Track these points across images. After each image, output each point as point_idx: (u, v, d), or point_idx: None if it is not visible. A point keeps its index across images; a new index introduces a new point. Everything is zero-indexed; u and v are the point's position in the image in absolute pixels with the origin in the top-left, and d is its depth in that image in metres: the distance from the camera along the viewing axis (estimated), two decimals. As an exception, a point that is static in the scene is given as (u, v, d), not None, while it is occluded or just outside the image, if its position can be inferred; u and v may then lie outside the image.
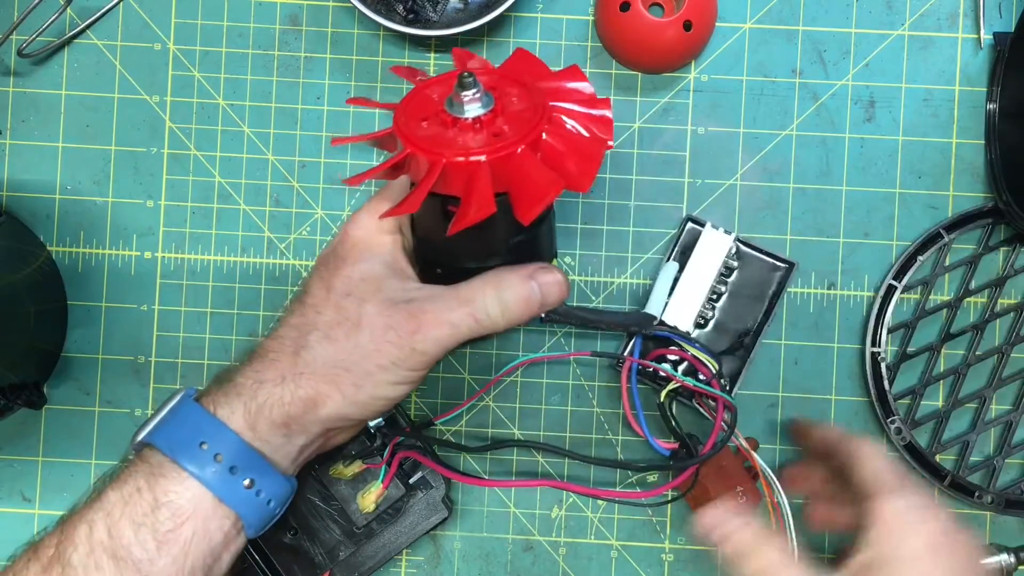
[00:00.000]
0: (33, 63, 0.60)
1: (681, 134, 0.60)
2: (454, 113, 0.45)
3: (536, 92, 0.46)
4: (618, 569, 0.60)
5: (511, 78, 0.48)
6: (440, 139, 0.44)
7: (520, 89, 0.47)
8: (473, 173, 0.43)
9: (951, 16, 0.60)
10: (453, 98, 0.44)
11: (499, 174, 0.43)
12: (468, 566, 0.60)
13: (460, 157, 0.43)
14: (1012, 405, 0.60)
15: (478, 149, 0.43)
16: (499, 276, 0.47)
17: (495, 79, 0.47)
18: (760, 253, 0.59)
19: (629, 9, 0.57)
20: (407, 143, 0.44)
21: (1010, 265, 0.60)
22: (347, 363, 0.46)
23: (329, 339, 0.46)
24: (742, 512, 0.50)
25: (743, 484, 0.53)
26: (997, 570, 0.57)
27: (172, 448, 0.45)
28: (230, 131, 0.61)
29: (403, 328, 0.45)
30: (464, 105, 0.44)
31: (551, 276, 0.47)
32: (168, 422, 0.46)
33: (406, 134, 0.44)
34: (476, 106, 0.44)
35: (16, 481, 0.60)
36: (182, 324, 0.60)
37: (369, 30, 0.61)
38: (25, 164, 0.61)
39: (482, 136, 0.44)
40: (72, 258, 0.61)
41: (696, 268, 0.57)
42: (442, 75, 0.49)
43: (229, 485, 0.44)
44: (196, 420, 0.46)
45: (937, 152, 0.60)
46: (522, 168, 0.43)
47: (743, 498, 0.52)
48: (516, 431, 0.60)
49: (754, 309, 0.59)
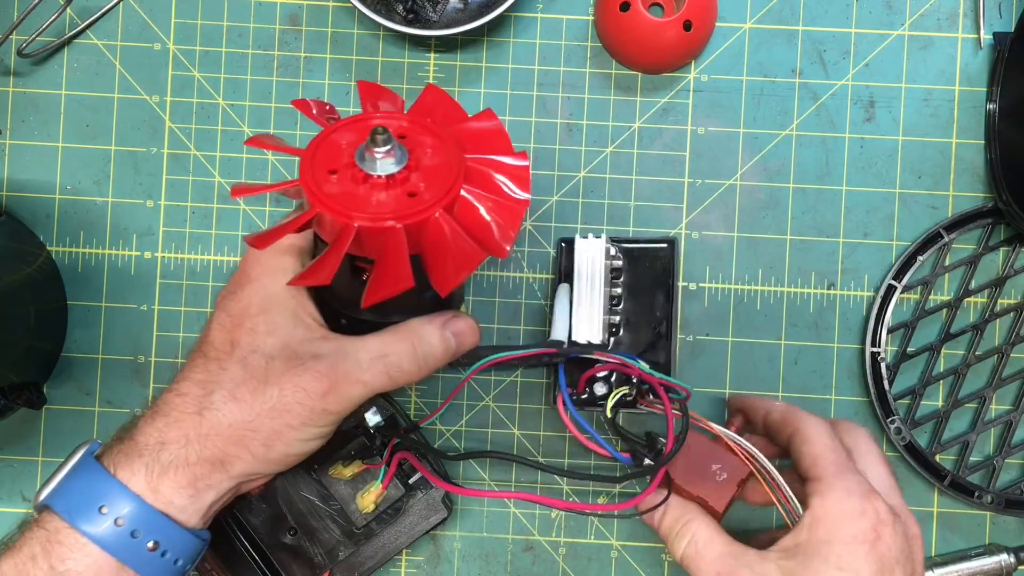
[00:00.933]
0: (33, 63, 0.60)
1: (681, 134, 0.60)
2: (366, 169, 0.42)
3: (450, 142, 0.44)
4: (618, 569, 0.60)
5: (423, 125, 0.46)
6: (351, 198, 0.42)
7: (434, 139, 0.45)
8: (387, 240, 0.41)
9: (951, 16, 0.60)
10: (365, 152, 0.42)
11: (414, 237, 0.42)
12: (468, 566, 0.60)
13: (373, 222, 0.41)
14: (1012, 405, 0.60)
15: (392, 213, 0.41)
16: (412, 329, 0.45)
17: (407, 126, 0.45)
18: (638, 243, 0.58)
19: (629, 9, 0.57)
20: (316, 202, 0.42)
21: (1010, 265, 0.60)
22: (254, 424, 0.44)
23: (235, 399, 0.44)
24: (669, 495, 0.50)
25: (719, 461, 0.50)
26: (997, 570, 0.57)
27: (70, 512, 0.43)
28: (230, 131, 0.61)
29: (313, 389, 0.44)
30: (377, 161, 0.42)
31: (463, 323, 0.47)
32: (67, 484, 0.44)
33: (314, 191, 0.42)
34: (389, 162, 0.42)
35: (16, 481, 0.60)
36: (182, 324, 0.60)
37: (369, 30, 0.61)
38: (25, 164, 0.61)
39: (395, 194, 0.42)
40: (72, 258, 0.61)
41: (583, 279, 0.55)
42: (350, 119, 0.46)
43: (131, 549, 0.43)
44: (95, 482, 0.44)
45: (937, 152, 0.60)
46: (440, 236, 0.42)
47: (722, 476, 0.50)
48: (516, 431, 0.60)
49: (657, 298, 0.58)
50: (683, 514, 0.49)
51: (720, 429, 0.51)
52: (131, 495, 0.43)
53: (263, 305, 0.46)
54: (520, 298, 0.60)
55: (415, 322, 0.46)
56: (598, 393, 0.54)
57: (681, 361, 0.60)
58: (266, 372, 0.44)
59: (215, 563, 0.53)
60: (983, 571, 0.57)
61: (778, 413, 0.52)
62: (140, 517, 0.43)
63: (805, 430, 0.49)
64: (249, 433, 0.44)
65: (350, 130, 0.45)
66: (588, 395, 0.54)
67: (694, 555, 0.47)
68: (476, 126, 0.47)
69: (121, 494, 0.43)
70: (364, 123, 0.45)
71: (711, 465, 0.50)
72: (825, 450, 0.48)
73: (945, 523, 0.60)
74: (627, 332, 0.57)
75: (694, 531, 0.48)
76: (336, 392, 0.44)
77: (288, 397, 0.44)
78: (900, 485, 0.60)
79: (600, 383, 0.54)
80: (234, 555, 0.54)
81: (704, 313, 0.60)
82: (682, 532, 0.48)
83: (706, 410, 0.59)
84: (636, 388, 0.52)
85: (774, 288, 0.60)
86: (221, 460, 0.44)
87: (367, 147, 0.42)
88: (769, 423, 0.52)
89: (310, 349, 0.45)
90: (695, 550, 0.48)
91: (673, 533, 0.49)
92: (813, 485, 0.47)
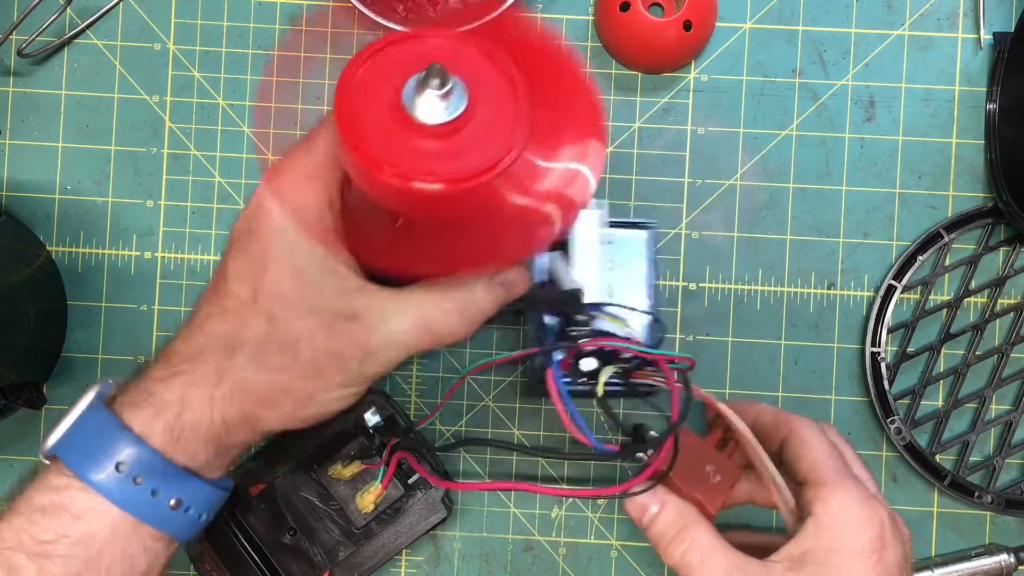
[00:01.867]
0: (33, 63, 0.60)
1: (681, 134, 0.60)
2: (413, 113, 0.36)
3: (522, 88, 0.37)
4: (618, 569, 0.60)
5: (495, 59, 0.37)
6: (393, 145, 0.35)
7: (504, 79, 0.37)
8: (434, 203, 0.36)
9: (951, 16, 0.60)
10: (416, 92, 0.35)
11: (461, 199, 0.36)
12: (468, 566, 0.60)
13: (419, 180, 0.35)
14: (1012, 405, 0.60)
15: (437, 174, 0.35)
16: (459, 285, 0.41)
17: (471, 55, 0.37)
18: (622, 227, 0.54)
19: (629, 9, 0.57)
20: (355, 152, 0.36)
21: (1010, 265, 0.60)
22: (285, 387, 0.40)
23: (261, 364, 0.40)
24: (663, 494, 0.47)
25: (712, 462, 0.48)
26: (997, 570, 0.57)
27: (83, 466, 0.39)
28: (230, 131, 0.61)
29: (350, 354, 0.40)
30: (428, 106, 0.35)
31: (513, 272, 0.43)
32: (78, 434, 0.41)
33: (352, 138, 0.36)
34: (442, 108, 0.35)
35: (16, 481, 0.60)
36: (182, 324, 0.60)
37: (369, 30, 0.61)
38: (25, 164, 0.61)
39: (446, 146, 0.36)
40: (72, 258, 0.61)
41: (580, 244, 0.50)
42: (402, 35, 0.38)
43: (152, 507, 0.40)
44: (111, 436, 0.40)
45: (937, 152, 0.60)
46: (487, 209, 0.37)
47: (716, 477, 0.47)
48: (516, 431, 0.60)
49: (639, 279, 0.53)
50: (681, 516, 0.46)
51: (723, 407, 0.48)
52: (151, 451, 0.40)
53: (288, 248, 0.40)
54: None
55: None
56: (584, 369, 0.48)
57: (681, 361, 0.60)
58: (297, 332, 0.40)
59: (215, 563, 0.53)
60: (983, 571, 0.57)
61: (769, 416, 0.50)
62: (160, 475, 0.40)
63: (800, 433, 0.48)
64: (280, 395, 0.40)
65: (401, 49, 0.37)
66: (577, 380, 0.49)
67: (694, 563, 0.44)
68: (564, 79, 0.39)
69: (140, 451, 0.39)
70: (420, 43, 0.37)
71: (705, 466, 0.48)
72: (823, 454, 0.47)
73: (945, 523, 0.60)
74: None
75: (694, 537, 0.45)
76: (375, 357, 0.40)
77: (322, 360, 0.40)
78: (900, 485, 0.60)
79: (589, 359, 0.48)
80: (234, 555, 0.54)
81: (704, 313, 0.60)
82: (681, 536, 0.45)
83: (706, 410, 0.59)
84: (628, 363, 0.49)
85: (774, 288, 0.60)
86: (248, 419, 0.41)
87: (419, 86, 0.35)
88: (759, 426, 0.50)
89: (344, 305, 0.40)
90: (696, 558, 0.44)
91: (669, 536, 0.45)
92: (814, 490, 0.46)
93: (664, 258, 0.60)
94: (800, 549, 0.44)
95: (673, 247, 0.60)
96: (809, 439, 0.47)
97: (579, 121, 0.40)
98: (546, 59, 0.41)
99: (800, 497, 0.47)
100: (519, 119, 0.36)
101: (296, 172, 0.40)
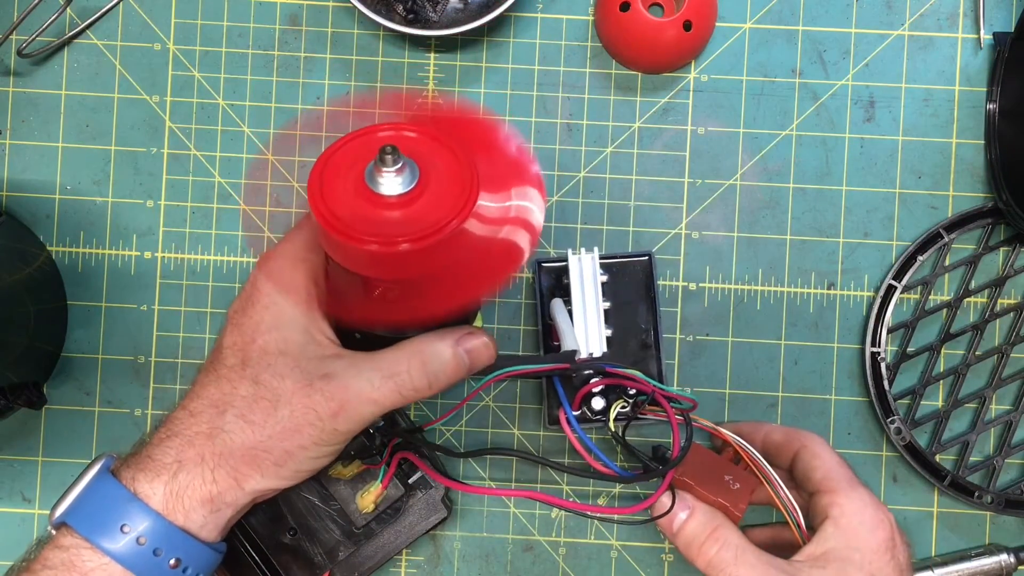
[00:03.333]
0: (33, 63, 0.60)
1: (681, 134, 0.60)
2: (375, 189, 0.41)
3: (463, 154, 0.42)
4: (618, 569, 0.60)
5: (433, 136, 0.43)
6: (363, 218, 0.40)
7: (446, 152, 0.43)
8: (401, 262, 0.40)
9: (951, 16, 0.60)
10: (374, 171, 0.41)
11: (427, 256, 0.40)
12: (468, 566, 0.60)
13: (386, 246, 0.39)
14: (1012, 405, 0.60)
15: (403, 234, 0.39)
16: (424, 345, 0.44)
17: (416, 138, 0.43)
18: (616, 258, 0.58)
19: (629, 9, 0.57)
20: (327, 226, 0.40)
21: (1010, 265, 0.60)
22: (266, 445, 0.44)
23: (246, 421, 0.44)
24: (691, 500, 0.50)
25: (730, 473, 0.52)
26: (997, 570, 0.57)
27: (90, 530, 0.43)
28: (230, 131, 0.61)
29: (323, 409, 0.43)
30: (386, 181, 0.40)
31: (478, 340, 0.46)
32: (85, 501, 0.44)
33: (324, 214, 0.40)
34: (398, 182, 0.40)
35: (16, 481, 0.60)
36: (182, 324, 0.60)
37: (369, 30, 0.61)
38: (25, 164, 0.61)
39: (407, 213, 0.40)
40: (72, 258, 0.61)
41: (579, 294, 0.55)
42: (359, 132, 0.44)
43: (154, 567, 0.43)
44: (114, 500, 0.44)
45: (937, 152, 0.60)
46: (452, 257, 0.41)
47: (735, 485, 0.51)
48: (516, 431, 0.60)
49: (640, 310, 0.58)
50: (711, 519, 0.49)
51: (728, 434, 0.52)
52: (152, 513, 0.43)
53: (274, 322, 0.45)
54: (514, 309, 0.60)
55: (427, 338, 0.45)
56: (596, 408, 0.55)
57: (681, 361, 0.60)
58: (277, 392, 0.44)
59: (215, 563, 0.53)
60: (983, 571, 0.57)
61: (779, 435, 0.55)
62: (162, 535, 0.43)
63: (813, 447, 0.52)
64: (262, 453, 0.44)
65: (359, 143, 0.43)
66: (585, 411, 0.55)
67: (727, 560, 0.48)
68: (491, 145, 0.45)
69: (142, 512, 0.43)
70: (372, 137, 0.43)
71: (724, 476, 0.51)
72: (835, 464, 0.51)
73: (945, 523, 0.60)
74: (615, 346, 0.57)
75: (726, 537, 0.48)
76: (347, 412, 0.44)
77: (299, 418, 0.44)
78: (900, 486, 0.60)
79: (597, 398, 0.55)
80: (234, 555, 0.54)
81: (704, 313, 0.60)
82: (714, 537, 0.48)
83: (706, 410, 0.59)
84: (634, 399, 0.53)
85: (774, 288, 0.60)
86: (236, 479, 0.44)
87: (376, 166, 0.40)
88: (770, 443, 0.55)
89: (321, 368, 0.44)
90: (730, 555, 0.48)
91: (702, 538, 0.49)
92: (829, 497, 0.50)
93: (664, 258, 0.60)
94: (821, 549, 0.48)
95: (673, 247, 0.60)
96: (821, 452, 0.52)
97: (516, 174, 0.45)
98: (480, 132, 0.47)
99: (814, 504, 0.51)
100: (466, 183, 0.41)
101: (285, 258, 0.46)
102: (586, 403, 0.56)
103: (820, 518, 0.50)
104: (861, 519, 0.49)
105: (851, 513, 0.49)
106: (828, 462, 0.51)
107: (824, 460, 0.52)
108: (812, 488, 0.51)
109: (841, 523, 0.49)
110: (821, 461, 0.52)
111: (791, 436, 0.54)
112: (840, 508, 0.49)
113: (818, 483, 0.51)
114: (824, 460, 0.52)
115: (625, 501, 0.60)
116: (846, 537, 0.48)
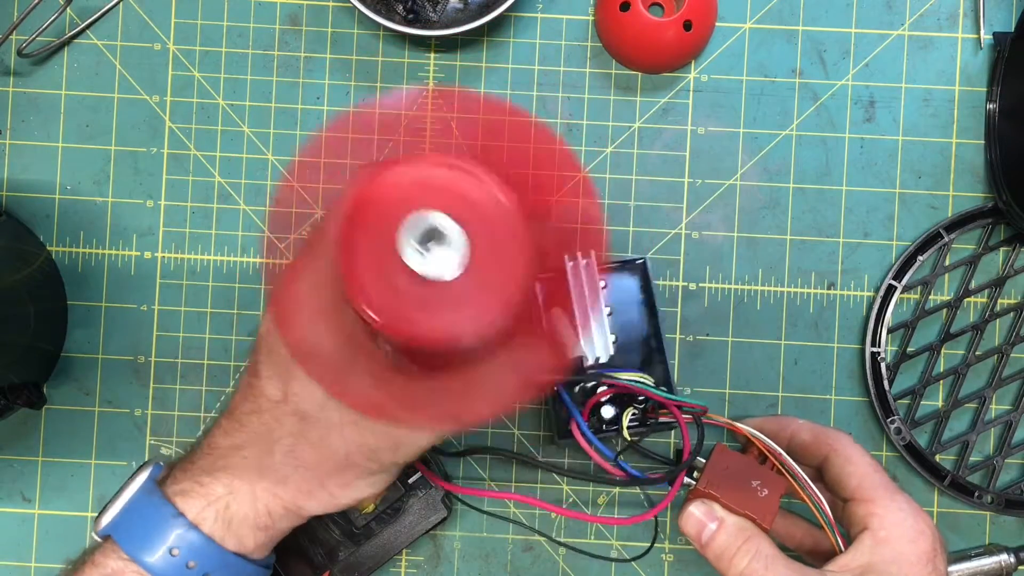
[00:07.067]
0: (33, 63, 0.60)
1: (681, 134, 0.60)
2: (409, 263, 0.33)
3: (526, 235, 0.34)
4: (618, 569, 0.60)
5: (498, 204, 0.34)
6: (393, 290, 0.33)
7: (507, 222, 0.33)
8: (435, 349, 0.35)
9: (951, 16, 0.60)
10: (409, 243, 0.33)
11: None
12: (468, 566, 0.60)
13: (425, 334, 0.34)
14: (1012, 405, 0.60)
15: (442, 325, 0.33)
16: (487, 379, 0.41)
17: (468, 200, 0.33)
18: (611, 264, 0.57)
19: (629, 9, 0.57)
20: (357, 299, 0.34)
21: (1010, 265, 0.60)
22: (320, 478, 0.43)
23: (298, 459, 0.42)
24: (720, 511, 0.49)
25: (757, 477, 0.50)
26: (997, 570, 0.57)
27: (139, 551, 0.42)
28: (230, 131, 0.61)
29: (383, 445, 0.42)
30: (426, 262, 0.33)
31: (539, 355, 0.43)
32: (134, 518, 0.43)
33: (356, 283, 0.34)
34: (444, 267, 0.33)
35: (16, 481, 0.60)
36: (182, 324, 0.60)
37: (369, 30, 0.61)
38: (25, 164, 0.61)
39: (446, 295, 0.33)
40: (72, 258, 0.61)
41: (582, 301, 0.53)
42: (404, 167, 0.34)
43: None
44: (164, 521, 0.42)
45: (937, 152, 0.60)
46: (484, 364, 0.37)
47: (763, 491, 0.50)
48: (516, 431, 0.60)
49: (641, 314, 0.57)
50: (741, 531, 0.48)
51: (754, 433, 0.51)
52: (204, 538, 0.42)
53: None
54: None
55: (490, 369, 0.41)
56: (606, 417, 0.54)
57: (681, 361, 0.60)
58: (327, 425, 0.41)
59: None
60: (983, 571, 0.57)
61: (808, 433, 0.53)
62: (213, 561, 0.42)
63: (844, 451, 0.51)
64: (315, 487, 0.43)
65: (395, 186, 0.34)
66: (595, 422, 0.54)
67: (758, 572, 0.46)
68: None
69: (194, 537, 0.42)
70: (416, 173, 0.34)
71: (751, 481, 0.50)
72: (870, 469, 0.50)
73: (945, 523, 0.60)
74: (619, 352, 0.56)
75: (757, 547, 0.47)
76: (406, 446, 0.43)
77: (354, 452, 0.42)
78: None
79: (606, 407, 0.54)
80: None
81: (704, 313, 0.60)
82: (745, 548, 0.47)
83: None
84: (644, 404, 0.53)
85: (774, 288, 0.60)
86: (290, 509, 0.44)
87: (415, 240, 0.33)
88: (796, 444, 0.53)
89: None
90: (761, 565, 0.47)
91: (733, 549, 0.47)
92: (866, 506, 0.48)
93: (664, 258, 0.60)
94: (858, 562, 0.47)
95: (673, 247, 0.60)
96: (854, 456, 0.50)
97: None
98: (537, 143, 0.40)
99: (851, 512, 0.49)
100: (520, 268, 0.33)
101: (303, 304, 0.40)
102: (594, 413, 0.55)
103: (857, 528, 0.48)
104: (901, 531, 0.47)
105: (891, 525, 0.47)
106: (863, 467, 0.50)
107: (858, 466, 0.50)
108: (847, 495, 0.50)
109: (880, 535, 0.47)
110: (855, 467, 0.50)
111: (819, 438, 0.52)
112: (879, 519, 0.48)
113: (854, 491, 0.49)
114: (858, 466, 0.50)
115: (625, 501, 0.60)
116: (884, 551, 0.47)
